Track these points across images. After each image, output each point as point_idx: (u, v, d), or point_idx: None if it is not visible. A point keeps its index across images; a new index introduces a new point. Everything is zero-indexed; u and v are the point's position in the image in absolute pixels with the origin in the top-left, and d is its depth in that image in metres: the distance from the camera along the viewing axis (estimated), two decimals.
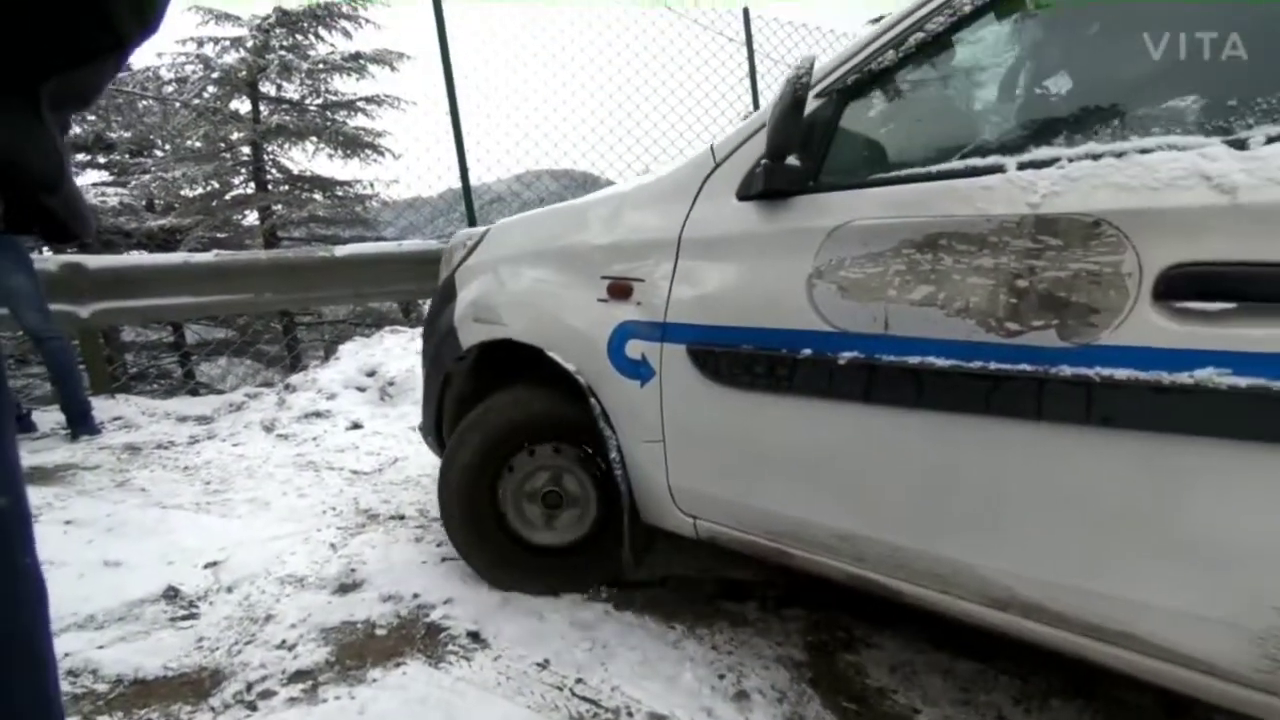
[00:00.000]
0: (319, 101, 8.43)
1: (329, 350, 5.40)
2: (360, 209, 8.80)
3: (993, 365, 0.98)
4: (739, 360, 1.26)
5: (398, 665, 1.43)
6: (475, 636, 1.52)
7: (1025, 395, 0.95)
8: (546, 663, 1.43)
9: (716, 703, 1.32)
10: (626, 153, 5.31)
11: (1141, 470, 0.89)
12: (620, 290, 1.45)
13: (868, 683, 1.40)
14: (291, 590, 1.75)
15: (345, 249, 4.76)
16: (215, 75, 8.09)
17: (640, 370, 1.41)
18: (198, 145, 8.16)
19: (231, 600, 1.71)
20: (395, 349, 4.08)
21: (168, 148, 8.66)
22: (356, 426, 3.38)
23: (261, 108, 8.30)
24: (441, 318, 1.88)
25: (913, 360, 1.05)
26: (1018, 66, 1.25)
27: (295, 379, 4.02)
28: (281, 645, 1.51)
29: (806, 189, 1.21)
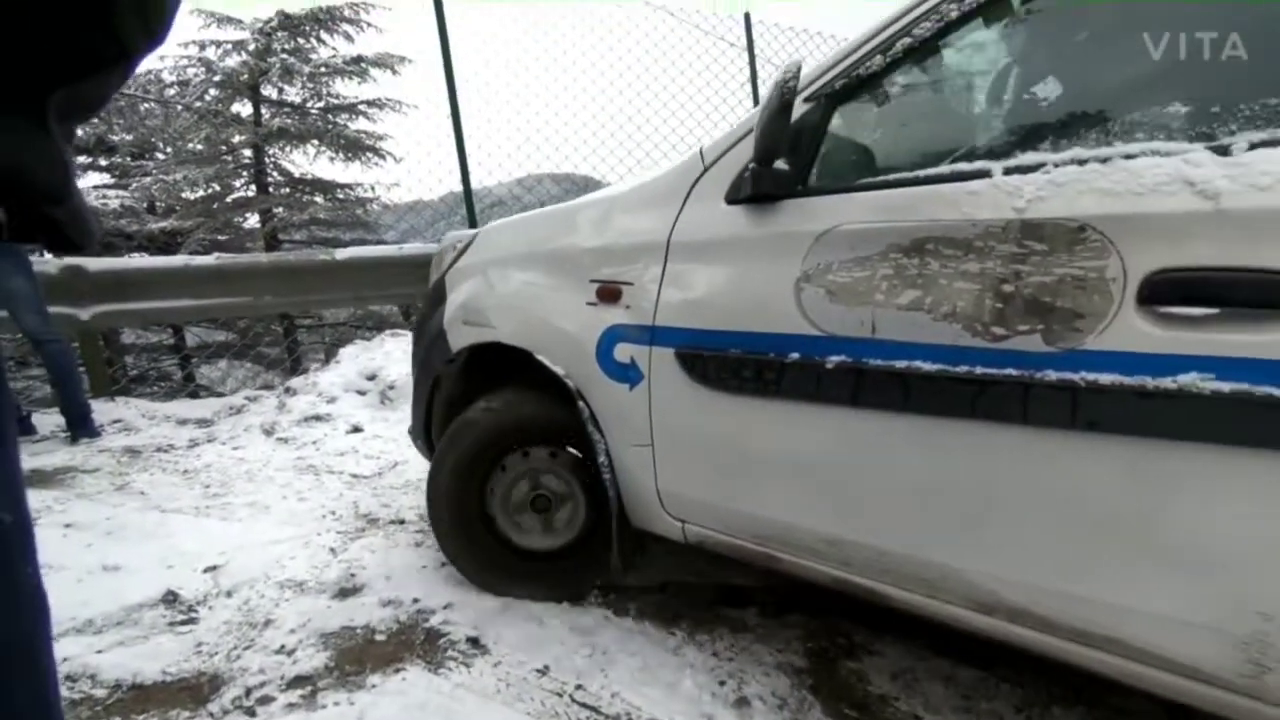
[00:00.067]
0: (320, 105, 8.48)
1: (329, 353, 5.42)
2: (361, 212, 8.85)
3: (979, 370, 0.98)
4: (727, 364, 1.26)
5: (397, 671, 1.43)
6: (475, 642, 1.53)
7: (1011, 400, 0.96)
8: (546, 669, 1.43)
9: (717, 710, 1.31)
10: (628, 156, 5.31)
11: (1126, 475, 0.89)
12: (609, 294, 1.45)
13: (869, 690, 1.40)
14: (291, 595, 1.75)
15: (346, 252, 4.77)
16: (217, 78, 8.14)
17: (629, 374, 1.41)
18: (199, 148, 8.21)
19: (231, 605, 1.71)
20: (396, 352, 4.08)
21: (169, 150, 8.71)
22: (357, 430, 3.39)
23: (263, 111, 8.35)
24: (431, 320, 1.88)
25: (899, 364, 1.05)
26: (1004, 72, 1.25)
27: (295, 382, 4.02)
28: (281, 650, 1.51)
29: (794, 193, 1.21)
